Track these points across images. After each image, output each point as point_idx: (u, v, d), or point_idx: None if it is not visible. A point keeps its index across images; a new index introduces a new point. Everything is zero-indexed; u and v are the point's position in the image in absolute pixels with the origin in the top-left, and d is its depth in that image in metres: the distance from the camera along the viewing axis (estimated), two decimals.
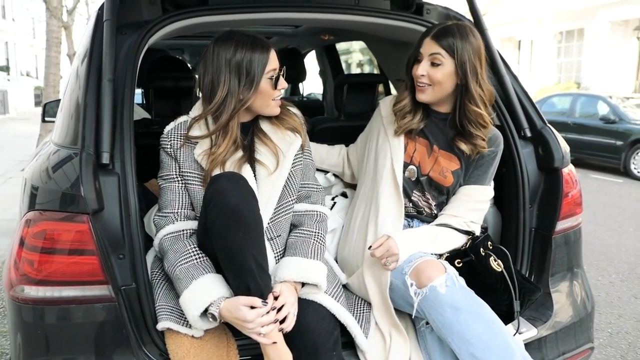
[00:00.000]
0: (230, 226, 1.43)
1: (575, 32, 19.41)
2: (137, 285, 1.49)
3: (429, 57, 1.77)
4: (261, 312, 1.40)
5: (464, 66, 1.74)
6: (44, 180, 1.52)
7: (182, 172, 1.65)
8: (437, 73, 1.76)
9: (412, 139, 1.90)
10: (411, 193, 1.90)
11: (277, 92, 1.68)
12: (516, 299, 1.68)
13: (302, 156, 1.79)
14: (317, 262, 1.63)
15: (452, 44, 1.74)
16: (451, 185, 1.86)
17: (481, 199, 1.87)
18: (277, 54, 1.67)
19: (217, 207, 1.45)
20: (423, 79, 1.78)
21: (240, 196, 1.46)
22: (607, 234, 5.45)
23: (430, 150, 1.88)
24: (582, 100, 10.58)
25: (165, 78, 2.46)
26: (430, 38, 1.78)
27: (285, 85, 1.70)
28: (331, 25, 2.93)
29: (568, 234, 1.98)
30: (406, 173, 1.89)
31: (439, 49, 1.75)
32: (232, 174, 1.54)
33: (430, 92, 1.80)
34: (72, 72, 1.81)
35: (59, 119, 1.76)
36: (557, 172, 1.94)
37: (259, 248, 1.47)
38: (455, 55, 1.74)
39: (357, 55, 27.07)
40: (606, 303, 3.71)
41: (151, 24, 1.79)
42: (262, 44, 1.64)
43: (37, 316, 1.45)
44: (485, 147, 1.81)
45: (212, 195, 1.47)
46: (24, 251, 1.43)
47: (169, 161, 1.66)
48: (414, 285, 1.62)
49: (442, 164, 1.86)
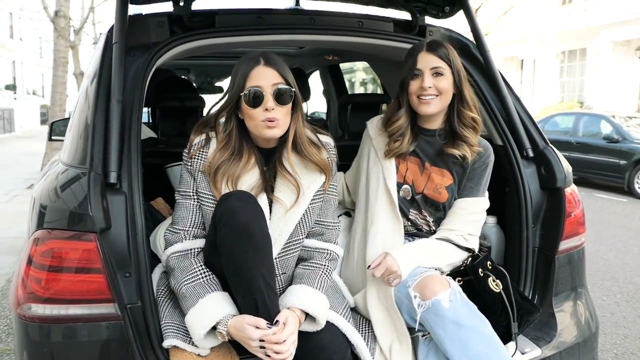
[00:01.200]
0: (239, 245, 1.44)
1: (577, 52, 19.54)
2: (142, 304, 1.50)
3: (431, 70, 1.81)
4: (266, 332, 1.40)
5: (459, 73, 1.83)
6: (53, 199, 1.54)
7: (197, 191, 1.65)
8: (442, 82, 1.81)
9: (404, 159, 1.92)
10: (408, 212, 1.92)
11: (262, 113, 1.56)
12: (514, 321, 1.70)
13: (323, 193, 1.72)
14: (322, 295, 1.60)
15: (447, 54, 1.82)
16: (447, 201, 1.89)
17: (476, 210, 1.90)
18: (276, 69, 1.60)
19: (227, 226, 1.45)
20: (430, 90, 1.81)
21: (250, 215, 1.47)
22: (612, 254, 5.42)
23: (422, 167, 1.91)
24: (585, 119, 10.60)
25: (172, 98, 2.50)
26: (426, 52, 1.83)
27: (270, 106, 1.56)
28: (335, 46, 2.97)
29: (571, 254, 1.99)
30: (401, 193, 1.91)
31: (438, 60, 1.81)
32: (243, 193, 1.55)
33: (437, 103, 1.83)
34: (82, 92, 1.84)
35: (67, 138, 1.79)
36: (559, 192, 1.95)
37: (268, 267, 1.47)
38: (451, 65, 1.82)
39: (361, 74, 27.27)
40: (611, 323, 3.68)
41: (159, 45, 1.82)
42: (253, 57, 1.60)
43: (43, 334, 1.46)
44: (477, 146, 1.85)
45: (222, 213, 1.48)
46: (31, 269, 1.44)
47: (188, 177, 1.66)
48: (417, 298, 1.64)
49: (435, 180, 1.89)
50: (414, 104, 1.85)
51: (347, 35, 2.14)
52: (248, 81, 1.58)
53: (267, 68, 1.59)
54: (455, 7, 2.26)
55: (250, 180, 1.64)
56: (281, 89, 1.58)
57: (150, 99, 2.47)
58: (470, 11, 2.16)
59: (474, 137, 1.85)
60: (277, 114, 1.57)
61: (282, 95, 1.58)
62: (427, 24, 2.26)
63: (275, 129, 1.58)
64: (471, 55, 2.21)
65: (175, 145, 2.18)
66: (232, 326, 1.44)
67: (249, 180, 1.64)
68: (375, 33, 2.16)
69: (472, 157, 1.85)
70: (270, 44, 2.30)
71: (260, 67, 1.59)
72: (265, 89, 1.57)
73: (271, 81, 1.58)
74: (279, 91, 1.58)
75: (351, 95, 2.92)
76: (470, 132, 1.85)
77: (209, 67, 5.13)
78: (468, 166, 1.88)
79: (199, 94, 2.89)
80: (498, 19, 17.71)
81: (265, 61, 1.60)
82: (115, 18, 1.73)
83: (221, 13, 1.98)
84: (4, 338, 3.29)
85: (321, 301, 1.58)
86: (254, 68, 1.59)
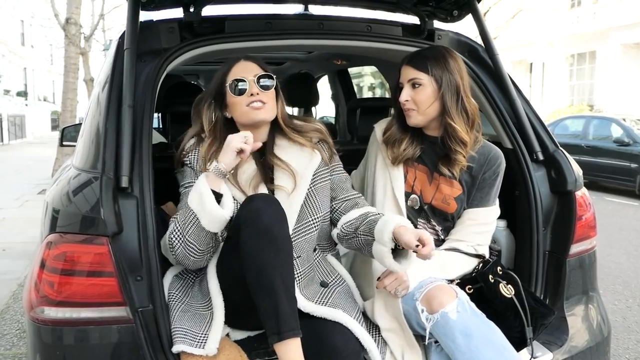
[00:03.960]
0: (262, 247, 1.45)
1: (587, 55, 19.45)
2: (154, 307, 1.51)
3: (408, 82, 1.81)
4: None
5: (441, 84, 1.78)
6: (65, 203, 1.56)
7: None
8: (418, 95, 1.80)
9: (412, 167, 1.91)
10: (416, 222, 1.90)
11: (247, 99, 1.67)
12: (528, 325, 1.68)
13: (328, 173, 1.80)
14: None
15: (426, 64, 1.80)
16: (455, 212, 1.87)
17: (486, 220, 1.88)
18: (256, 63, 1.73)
19: (251, 227, 1.47)
20: (408, 104, 1.81)
21: (273, 217, 1.49)
22: (623, 258, 5.37)
23: (430, 177, 1.89)
24: (595, 122, 10.53)
25: (182, 103, 2.51)
26: (406, 64, 1.84)
27: (255, 91, 1.68)
28: (345, 51, 2.98)
29: (582, 257, 1.98)
30: (408, 202, 1.89)
31: (415, 72, 1.80)
32: (267, 196, 1.59)
33: (416, 115, 1.82)
34: (93, 98, 1.86)
35: (79, 143, 1.81)
36: (570, 195, 1.94)
37: (288, 271, 1.48)
38: (430, 73, 1.78)
39: (369, 78, 27.29)
40: (623, 328, 3.64)
41: (170, 51, 1.84)
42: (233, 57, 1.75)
43: (56, 337, 1.47)
44: (464, 163, 1.82)
45: (247, 214, 1.49)
46: (44, 273, 1.46)
47: (190, 172, 1.72)
48: (425, 312, 1.63)
49: (444, 191, 1.86)
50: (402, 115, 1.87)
51: (356, 40, 2.15)
52: (230, 75, 1.70)
53: (248, 62, 1.73)
54: (464, 11, 2.26)
55: (248, 172, 1.70)
56: (263, 76, 1.70)
57: (160, 104, 2.49)
58: (479, 15, 2.16)
59: (463, 152, 1.80)
60: (262, 97, 1.68)
61: (265, 81, 1.70)
62: (435, 28, 2.26)
63: (262, 111, 1.69)
64: (480, 59, 2.21)
65: None
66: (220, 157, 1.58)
67: (247, 171, 1.70)
68: (384, 37, 2.17)
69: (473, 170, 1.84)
70: (280, 48, 2.32)
71: (242, 62, 1.74)
72: (248, 79, 1.68)
73: (253, 72, 1.70)
74: (261, 77, 1.69)
75: (360, 100, 2.92)
76: (458, 145, 1.80)
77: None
78: (478, 176, 1.86)
79: None
80: (506, 22, 17.68)
81: (245, 57, 1.74)
82: (127, 24, 1.75)
83: (231, 19, 1.99)
84: (16, 342, 3.32)
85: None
86: (235, 64, 1.73)
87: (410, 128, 1.88)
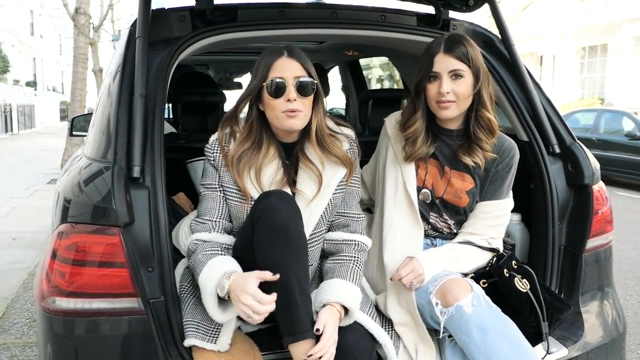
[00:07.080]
0: (277, 246, 1.43)
1: (598, 48, 19.25)
2: (165, 299, 1.49)
3: (449, 73, 1.71)
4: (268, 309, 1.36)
5: (479, 73, 1.72)
6: (76, 193, 1.55)
7: (222, 184, 1.65)
8: (460, 87, 1.70)
9: (423, 161, 1.86)
10: (428, 216, 1.87)
11: (283, 104, 1.56)
12: (544, 320, 1.65)
13: (346, 185, 1.71)
14: (356, 288, 1.58)
15: (466, 54, 1.70)
16: (467, 205, 1.84)
17: (499, 213, 1.84)
18: (299, 61, 1.60)
19: (266, 225, 1.44)
20: (449, 96, 1.71)
21: (288, 215, 1.46)
22: (635, 252, 5.32)
23: (442, 171, 1.85)
24: (607, 116, 10.43)
25: (193, 93, 2.50)
26: (443, 53, 1.72)
27: (292, 97, 1.55)
28: (358, 41, 2.94)
29: (598, 252, 1.95)
30: (420, 196, 1.85)
31: (457, 62, 1.70)
32: (282, 193, 1.55)
33: (455, 108, 1.73)
34: (104, 88, 1.84)
35: (90, 134, 1.79)
36: (587, 189, 1.91)
37: (303, 269, 1.46)
38: (471, 64, 1.71)
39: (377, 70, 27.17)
40: (635, 323, 3.61)
41: (181, 40, 1.81)
42: (277, 50, 1.60)
43: (67, 328, 1.46)
44: (491, 152, 1.77)
45: (262, 211, 1.47)
46: (56, 263, 1.45)
47: (212, 171, 1.66)
48: (439, 305, 1.60)
49: (455, 185, 1.83)
50: (433, 107, 1.76)
51: (369, 29, 2.11)
52: (271, 72, 1.58)
53: (290, 60, 1.59)
54: (480, 1, 2.22)
55: (271, 172, 1.63)
56: (303, 82, 1.58)
57: (171, 94, 2.47)
58: (495, 4, 2.12)
59: (488, 140, 1.76)
60: (298, 105, 1.56)
61: (305, 87, 1.58)
62: (450, 18, 2.23)
63: (295, 120, 1.57)
64: (496, 50, 2.17)
65: (196, 140, 2.17)
66: (234, 280, 1.42)
67: (270, 171, 1.63)
68: (398, 27, 2.13)
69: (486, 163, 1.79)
70: (292, 38, 2.29)
71: (284, 58, 1.59)
72: (287, 80, 1.56)
73: (294, 73, 1.58)
74: (301, 83, 1.57)
75: (372, 91, 2.90)
76: (485, 135, 1.76)
77: (228, 63, 5.14)
78: (491, 168, 1.82)
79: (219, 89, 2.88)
80: (517, 14, 17.48)
81: (288, 53, 1.60)
82: (139, 12, 1.72)
83: (243, 7, 1.96)
84: (26, 331, 3.33)
85: (356, 294, 1.56)
86: (277, 60, 1.59)
87: (429, 125, 1.82)
